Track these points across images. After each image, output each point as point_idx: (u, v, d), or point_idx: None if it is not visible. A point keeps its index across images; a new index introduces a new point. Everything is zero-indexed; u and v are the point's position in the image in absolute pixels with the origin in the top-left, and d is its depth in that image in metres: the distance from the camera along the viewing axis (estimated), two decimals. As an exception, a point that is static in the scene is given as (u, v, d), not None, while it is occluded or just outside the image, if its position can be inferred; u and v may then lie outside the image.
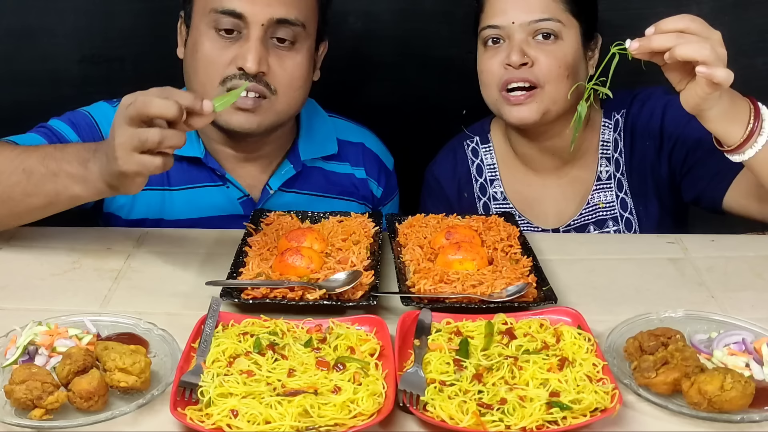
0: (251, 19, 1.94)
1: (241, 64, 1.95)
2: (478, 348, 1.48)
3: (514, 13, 2.07)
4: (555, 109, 2.10)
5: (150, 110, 1.53)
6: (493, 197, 2.31)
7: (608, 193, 2.24)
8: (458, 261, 1.73)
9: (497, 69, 2.09)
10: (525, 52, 2.06)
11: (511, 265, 1.73)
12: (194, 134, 2.13)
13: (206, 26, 1.99)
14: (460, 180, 2.34)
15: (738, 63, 2.59)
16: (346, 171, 2.27)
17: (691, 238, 1.98)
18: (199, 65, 2.00)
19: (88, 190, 1.72)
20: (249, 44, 1.95)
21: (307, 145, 2.21)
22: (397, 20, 2.63)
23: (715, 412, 1.32)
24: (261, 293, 1.63)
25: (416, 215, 1.98)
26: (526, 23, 2.06)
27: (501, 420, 1.29)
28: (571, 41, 2.10)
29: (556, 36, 2.07)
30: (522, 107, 2.08)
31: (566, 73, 2.08)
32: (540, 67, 2.06)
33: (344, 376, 1.39)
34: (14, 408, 1.33)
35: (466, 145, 2.35)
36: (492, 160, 2.32)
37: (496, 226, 1.91)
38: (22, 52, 2.61)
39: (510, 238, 1.86)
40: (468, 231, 1.84)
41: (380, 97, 2.67)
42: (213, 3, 1.97)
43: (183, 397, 1.34)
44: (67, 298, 1.70)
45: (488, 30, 2.10)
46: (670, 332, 1.47)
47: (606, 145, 2.24)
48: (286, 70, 2.01)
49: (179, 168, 2.12)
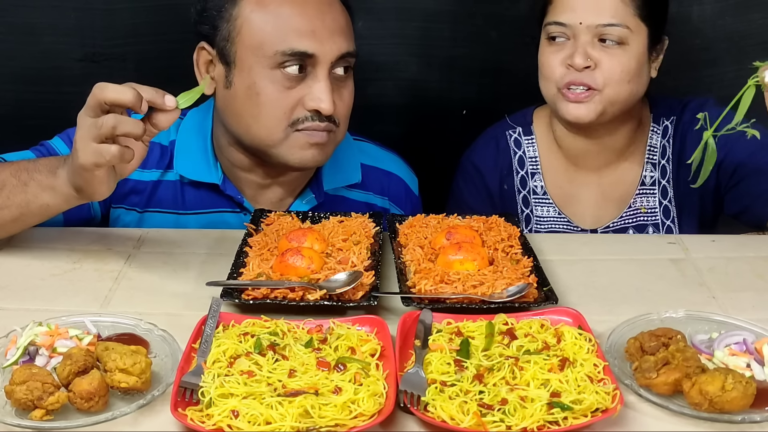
0: (322, 58, 1.89)
1: (315, 106, 1.90)
2: (478, 348, 1.47)
3: (583, 13, 2.05)
4: (612, 110, 2.10)
5: (106, 95, 1.53)
6: (533, 191, 2.29)
7: (651, 198, 2.23)
8: (459, 261, 1.73)
9: (558, 66, 2.09)
10: (589, 55, 2.05)
11: (511, 265, 1.73)
12: (213, 160, 2.09)
13: (267, 68, 1.90)
14: (501, 171, 2.32)
15: (739, 64, 2.60)
16: (368, 201, 2.21)
17: (692, 239, 1.98)
18: (263, 110, 1.92)
19: (56, 197, 1.72)
20: (320, 84, 1.89)
21: (332, 173, 2.15)
22: (397, 19, 2.63)
23: (716, 412, 1.32)
24: (261, 294, 1.62)
25: (417, 215, 1.97)
26: (594, 26, 2.04)
27: (502, 420, 1.29)
28: (637, 46, 2.08)
29: (622, 42, 2.05)
30: (580, 105, 2.08)
31: (627, 78, 2.07)
32: (602, 71, 2.06)
33: (345, 376, 1.38)
34: (15, 408, 1.32)
35: (509, 135, 2.32)
36: (534, 152, 2.30)
37: (497, 227, 1.91)
38: (24, 49, 2.61)
39: (510, 239, 1.85)
40: (468, 231, 1.84)
41: (380, 97, 2.66)
42: (278, 45, 1.89)
43: (183, 398, 1.34)
44: (68, 298, 1.70)
45: (554, 26, 2.08)
46: (671, 333, 1.46)
47: (653, 150, 2.23)
48: (344, 101, 1.97)
49: (195, 193, 2.11)
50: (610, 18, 2.04)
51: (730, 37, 2.57)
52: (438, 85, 2.69)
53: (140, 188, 2.10)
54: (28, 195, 1.74)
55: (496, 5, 2.60)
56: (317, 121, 1.93)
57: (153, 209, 2.11)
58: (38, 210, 1.76)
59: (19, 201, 1.75)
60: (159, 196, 2.07)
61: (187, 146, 2.10)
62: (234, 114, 1.98)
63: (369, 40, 2.61)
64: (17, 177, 1.75)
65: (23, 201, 1.75)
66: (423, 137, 2.65)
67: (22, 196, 1.75)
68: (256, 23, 1.91)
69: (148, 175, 2.09)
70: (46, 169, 1.73)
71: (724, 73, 2.60)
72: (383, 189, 2.23)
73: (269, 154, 1.99)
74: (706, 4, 2.53)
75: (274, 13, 1.91)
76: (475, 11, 2.61)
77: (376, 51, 2.62)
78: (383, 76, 2.67)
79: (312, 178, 2.15)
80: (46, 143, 2.06)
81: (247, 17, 1.92)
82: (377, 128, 2.39)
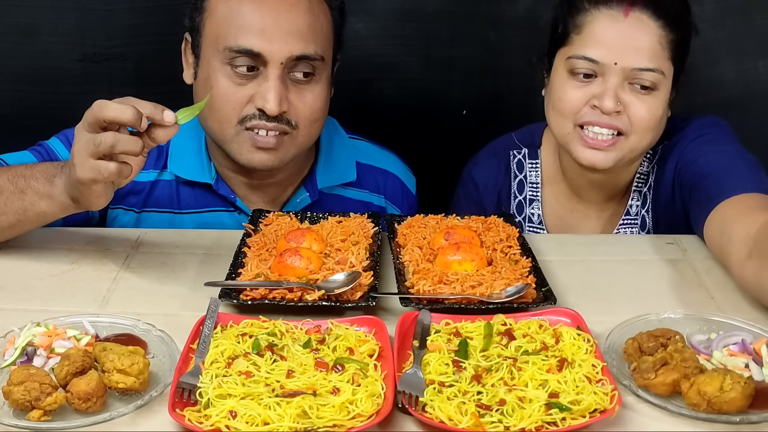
0: (270, 58, 1.88)
1: (261, 106, 1.89)
2: (477, 349, 1.47)
3: (619, 52, 1.88)
4: (629, 157, 1.99)
5: (105, 114, 1.53)
6: (529, 218, 2.19)
7: (633, 230, 2.14)
8: (457, 262, 1.73)
9: (580, 104, 1.93)
10: (620, 98, 1.91)
11: (510, 265, 1.73)
12: (206, 159, 2.09)
13: (220, 62, 1.92)
14: (500, 192, 2.21)
15: (740, 66, 2.61)
16: (363, 199, 2.21)
17: (691, 239, 1.97)
18: (215, 103, 1.93)
19: (53, 205, 1.73)
20: (268, 84, 1.88)
21: (326, 172, 2.15)
22: (398, 20, 2.63)
23: (715, 413, 1.32)
24: (260, 294, 1.62)
25: (415, 216, 1.97)
26: (629, 68, 1.89)
27: (500, 421, 1.29)
28: (666, 91, 1.94)
29: (654, 87, 1.91)
30: (599, 153, 1.94)
31: (653, 126, 1.94)
32: (631, 116, 1.92)
33: (343, 377, 1.38)
34: (12, 409, 1.32)
35: (512, 156, 2.20)
36: (537, 178, 2.17)
37: (496, 227, 1.90)
38: (24, 50, 2.61)
39: (509, 239, 1.85)
40: (467, 231, 1.84)
41: (380, 97, 2.67)
42: (226, 41, 1.90)
43: (181, 398, 1.34)
44: (66, 298, 1.70)
45: (582, 62, 1.91)
46: (670, 333, 1.46)
47: (641, 178, 2.11)
48: (306, 104, 1.95)
49: (190, 192, 2.11)
50: (647, 62, 1.89)
51: (731, 38, 2.57)
52: (437, 85, 2.69)
53: (138, 189, 2.10)
54: (25, 202, 1.75)
55: (495, 6, 2.60)
56: (264, 120, 1.92)
57: (150, 209, 2.11)
58: (35, 217, 1.76)
59: (16, 208, 1.76)
60: (156, 196, 2.08)
61: (182, 146, 2.11)
62: None
63: (369, 40, 2.62)
64: (14, 183, 1.76)
65: (20, 208, 1.75)
66: (422, 137, 2.65)
67: (19, 203, 1.75)
68: (216, 17, 1.94)
69: (146, 176, 2.10)
70: (43, 177, 1.74)
71: (724, 74, 2.60)
72: (379, 187, 2.23)
73: (225, 150, 2.00)
74: (707, 4, 2.53)
75: (233, 9, 1.92)
76: (474, 12, 2.61)
77: (375, 51, 2.63)
78: (383, 76, 2.67)
79: (306, 176, 2.15)
80: (44, 144, 2.06)
81: (212, 10, 1.95)
82: (377, 128, 2.39)
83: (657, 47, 1.90)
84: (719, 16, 2.54)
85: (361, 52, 2.62)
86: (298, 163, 2.12)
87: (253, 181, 2.10)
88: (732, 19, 2.55)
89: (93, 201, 1.64)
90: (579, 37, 1.93)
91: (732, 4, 2.56)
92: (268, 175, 2.07)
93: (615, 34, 1.90)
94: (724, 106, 2.37)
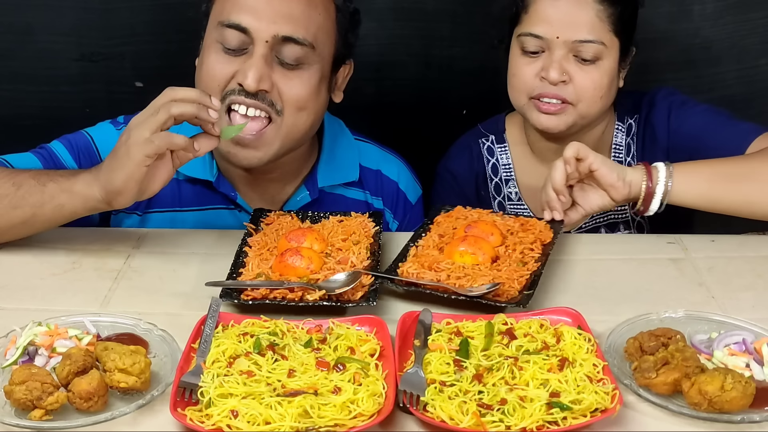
0: (256, 35, 1.88)
1: (241, 80, 1.89)
2: (478, 348, 1.48)
3: (560, 27, 2.02)
4: (581, 123, 2.11)
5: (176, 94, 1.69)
6: (508, 197, 2.29)
7: None
8: (459, 253, 1.74)
9: (531, 78, 2.07)
10: (564, 69, 2.03)
11: (516, 266, 1.72)
12: (209, 157, 2.08)
13: (214, 40, 1.94)
14: (477, 178, 2.31)
15: (740, 64, 2.61)
16: (366, 199, 2.20)
17: (692, 239, 1.98)
18: (201, 78, 1.95)
19: (72, 199, 1.75)
20: (252, 60, 1.88)
21: (327, 171, 2.14)
22: (397, 19, 2.63)
23: (716, 412, 1.32)
24: (261, 294, 1.62)
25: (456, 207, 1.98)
26: (570, 41, 2.02)
27: (501, 420, 1.29)
28: (610, 62, 2.07)
29: (597, 58, 2.04)
30: (551, 117, 2.08)
31: (600, 95, 2.07)
32: (576, 86, 2.05)
33: (344, 376, 1.39)
34: (14, 408, 1.33)
35: (482, 144, 2.32)
36: (508, 159, 2.29)
37: (533, 230, 1.87)
38: (21, 49, 2.60)
39: (535, 243, 1.82)
40: (488, 227, 1.83)
41: (379, 97, 2.66)
42: (220, 16, 1.92)
43: (183, 398, 1.34)
44: (67, 298, 1.70)
45: (529, 38, 2.05)
46: (671, 332, 1.47)
47: (619, 148, 2.22)
48: (292, 89, 1.93)
49: (191, 189, 2.10)
50: (586, 34, 2.02)
51: (731, 37, 2.57)
52: (437, 85, 2.69)
53: None
54: (44, 195, 1.76)
55: (494, 5, 2.60)
56: (243, 96, 1.90)
57: (153, 210, 2.10)
58: (51, 211, 1.77)
59: (34, 201, 1.77)
60: (159, 195, 2.07)
61: None
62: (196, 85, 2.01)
63: (368, 40, 2.60)
64: (36, 179, 1.79)
65: (38, 201, 1.77)
66: (422, 137, 2.64)
67: (38, 196, 1.77)
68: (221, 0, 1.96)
69: None
70: (68, 173, 1.79)
71: (724, 72, 2.60)
72: (377, 190, 2.22)
73: None
74: (707, 3, 2.53)
75: None
76: (473, 11, 2.60)
77: (375, 51, 2.62)
78: (382, 76, 2.67)
79: (307, 174, 2.15)
80: (47, 147, 2.05)
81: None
82: (376, 128, 2.38)
83: (595, 20, 2.03)
84: (720, 15, 2.54)
85: (360, 52, 2.60)
86: (298, 160, 2.11)
87: (252, 177, 2.09)
88: (733, 18, 2.55)
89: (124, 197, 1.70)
90: (527, 16, 2.07)
91: (732, 3, 2.56)
92: (266, 170, 2.06)
93: (555, 11, 2.03)
94: (725, 105, 2.36)
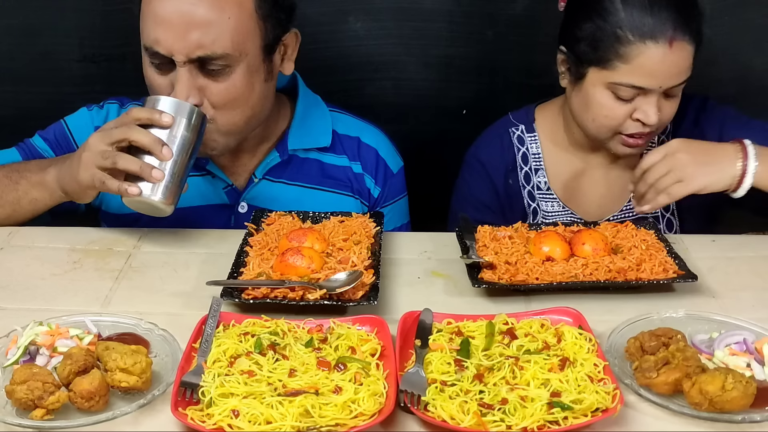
0: (174, 57, 1.90)
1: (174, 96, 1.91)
2: (479, 348, 1.48)
3: (664, 79, 2.00)
4: None
5: None
6: (537, 186, 2.29)
7: None
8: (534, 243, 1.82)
9: (623, 118, 2.06)
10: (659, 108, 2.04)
11: None
12: None
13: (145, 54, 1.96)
14: (507, 166, 2.31)
15: (737, 63, 2.61)
16: (343, 164, 2.22)
17: (692, 238, 1.98)
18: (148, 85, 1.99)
19: (44, 192, 1.93)
20: (177, 77, 1.91)
21: (298, 135, 2.17)
22: (396, 19, 2.63)
23: (717, 412, 1.32)
24: (262, 293, 1.63)
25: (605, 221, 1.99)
26: (670, 87, 2.02)
27: (502, 420, 1.30)
28: None
29: None
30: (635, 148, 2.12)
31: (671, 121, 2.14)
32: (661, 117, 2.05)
33: (345, 376, 1.39)
34: (15, 408, 1.33)
35: (512, 133, 2.32)
36: (537, 149, 2.30)
37: (658, 256, 1.79)
38: (23, 50, 2.60)
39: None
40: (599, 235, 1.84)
41: (379, 97, 2.66)
42: (143, 37, 1.94)
43: (184, 397, 1.34)
44: (68, 298, 1.70)
45: (629, 90, 2.01)
46: (671, 332, 1.47)
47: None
48: (220, 94, 1.94)
49: None
50: (683, 76, 2.02)
51: (728, 36, 2.57)
52: (436, 84, 2.69)
53: None
54: (19, 192, 1.94)
55: (493, 4, 2.60)
56: None
57: None
58: (28, 205, 1.95)
59: (11, 199, 1.95)
60: None
61: None
62: None
63: (366, 40, 2.61)
64: (8, 177, 1.96)
65: (15, 198, 1.95)
66: (421, 137, 2.65)
67: (13, 194, 1.95)
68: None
69: None
70: (37, 168, 1.95)
71: (722, 72, 2.60)
72: (355, 155, 2.23)
73: None
74: (705, 3, 2.52)
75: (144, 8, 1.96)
76: (472, 11, 2.60)
77: (373, 51, 2.62)
78: (381, 76, 2.66)
79: (278, 140, 2.17)
80: (28, 141, 2.14)
81: None
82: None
83: (689, 59, 2.03)
84: (716, 15, 2.54)
85: (359, 52, 2.61)
86: (266, 130, 2.14)
87: None
88: (729, 17, 2.56)
89: (82, 198, 1.88)
90: (626, 67, 2.00)
91: (730, 3, 2.56)
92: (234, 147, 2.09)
93: (662, 66, 1.99)
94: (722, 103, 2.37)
